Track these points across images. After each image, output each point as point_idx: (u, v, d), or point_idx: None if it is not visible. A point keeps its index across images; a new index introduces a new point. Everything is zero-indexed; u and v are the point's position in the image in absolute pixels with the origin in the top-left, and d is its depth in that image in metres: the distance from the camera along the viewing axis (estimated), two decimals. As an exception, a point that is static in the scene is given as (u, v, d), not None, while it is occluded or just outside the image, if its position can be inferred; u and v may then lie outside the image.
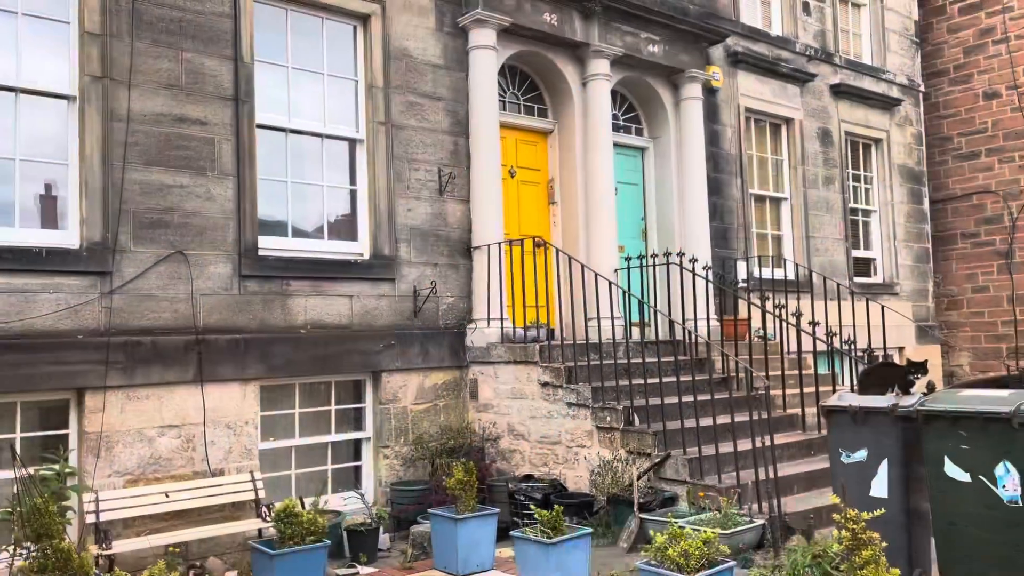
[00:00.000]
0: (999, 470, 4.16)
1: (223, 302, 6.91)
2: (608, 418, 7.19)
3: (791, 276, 12.02)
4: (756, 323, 9.35)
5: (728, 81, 11.44)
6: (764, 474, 6.19)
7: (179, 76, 6.82)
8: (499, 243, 8.25)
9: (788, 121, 12.39)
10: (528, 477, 7.49)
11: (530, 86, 9.75)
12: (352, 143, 8.00)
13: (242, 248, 7.03)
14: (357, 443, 7.86)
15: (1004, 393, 4.25)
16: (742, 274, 11.21)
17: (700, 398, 7.63)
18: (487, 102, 8.59)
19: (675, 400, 7.40)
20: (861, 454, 4.66)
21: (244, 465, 6.92)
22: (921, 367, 5.07)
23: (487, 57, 8.64)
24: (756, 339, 9.69)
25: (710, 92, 11.16)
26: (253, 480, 6.80)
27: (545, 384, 7.67)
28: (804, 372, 8.99)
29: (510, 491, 7.09)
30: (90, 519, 6.02)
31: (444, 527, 6.06)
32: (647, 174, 10.87)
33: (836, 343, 7.62)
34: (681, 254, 8.81)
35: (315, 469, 7.55)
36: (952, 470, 4.31)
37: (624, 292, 8.24)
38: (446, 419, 8.17)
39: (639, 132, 10.80)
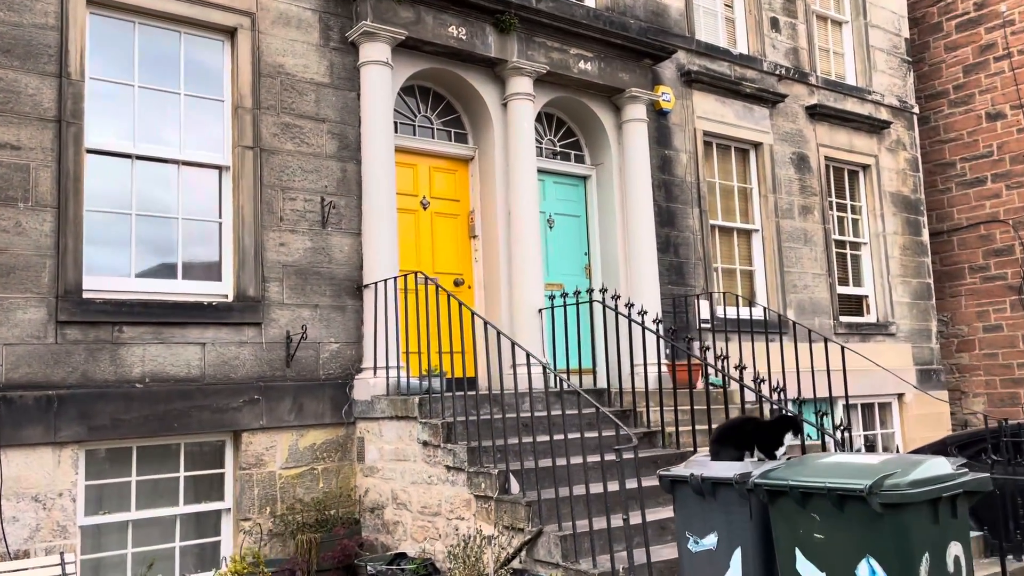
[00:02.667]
0: (862, 570, 2.95)
1: (33, 352, 5.92)
2: (483, 484, 6.01)
3: (761, 316, 10.78)
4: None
5: (682, 103, 10.38)
6: (646, 556, 4.94)
7: (-15, 94, 5.95)
8: (389, 279, 7.18)
9: (756, 146, 11.28)
10: (400, 556, 6.29)
11: (447, 108, 8.79)
12: (218, 170, 7.05)
13: (61, 290, 6.05)
14: (217, 515, 6.75)
15: (874, 460, 3.07)
16: (704, 313, 10.01)
17: (608, 457, 6.40)
18: (380, 123, 7.62)
19: (577, 461, 6.19)
20: (711, 540, 3.46)
21: (57, 545, 5.85)
22: (791, 423, 3.89)
23: (380, 74, 7.69)
24: (711, 387, 8.45)
25: (660, 114, 10.12)
26: (62, 564, 5.71)
27: (425, 443, 6.53)
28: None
29: (370, 575, 5.90)
30: None
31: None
32: (590, 205, 9.80)
33: (766, 391, 6.36)
34: (616, 296, 7.64)
35: (158, 547, 6.44)
36: (804, 568, 3.10)
37: (550, 335, 7.09)
38: (327, 485, 7.04)
39: (579, 159, 9.76)
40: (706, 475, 3.64)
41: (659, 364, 7.88)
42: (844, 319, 11.76)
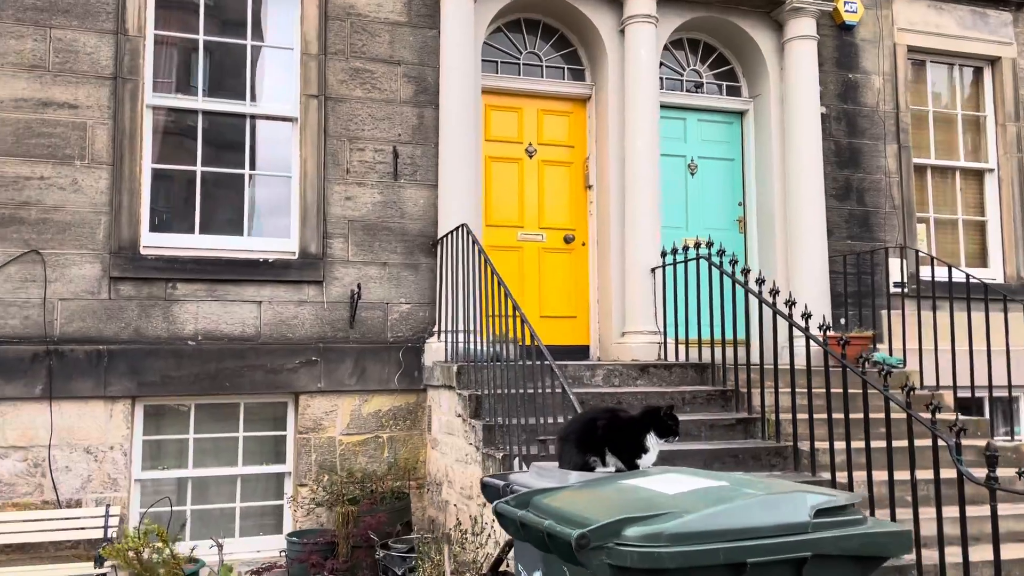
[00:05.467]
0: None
1: (87, 308, 6.03)
2: (491, 469, 5.12)
3: (997, 278, 8.56)
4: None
5: (875, 13, 8.39)
6: None
7: (45, 56, 6.09)
8: (448, 234, 6.44)
9: (992, 61, 8.89)
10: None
11: (561, 41, 7.78)
12: (290, 123, 6.75)
13: (115, 246, 6.10)
14: (280, 479, 6.55)
15: (694, 486, 1.82)
16: (895, 275, 8.08)
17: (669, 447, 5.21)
18: (461, 61, 6.86)
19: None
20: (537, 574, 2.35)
21: (108, 497, 5.95)
22: (655, 421, 2.59)
23: (461, 6, 6.91)
24: (869, 367, 6.76)
25: (843, 29, 8.28)
26: (106, 515, 5.78)
27: (459, 416, 5.77)
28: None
29: (377, 557, 5.31)
30: None
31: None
32: (746, 145, 8.26)
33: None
34: (721, 252, 6.26)
35: (218, 507, 6.37)
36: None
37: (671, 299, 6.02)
38: (393, 455, 6.56)
39: (733, 91, 8.25)
40: (518, 484, 2.55)
41: (779, 337, 6.32)
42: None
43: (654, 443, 2.65)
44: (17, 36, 6.05)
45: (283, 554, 6.01)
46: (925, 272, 7.82)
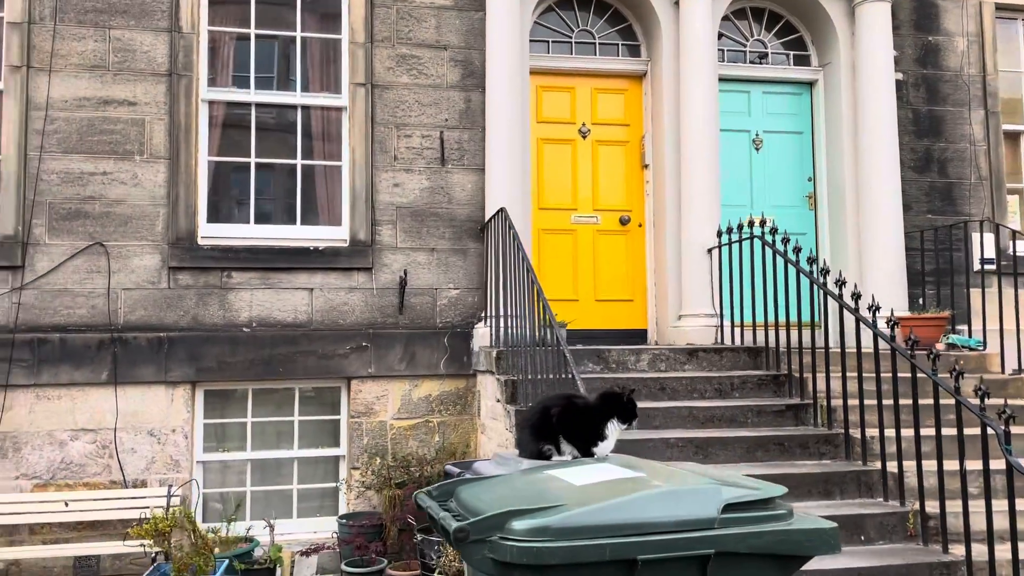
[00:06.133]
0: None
1: (148, 297, 6.30)
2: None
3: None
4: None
5: (958, -31, 7.81)
6: None
7: (106, 56, 6.37)
8: (493, 218, 6.38)
9: (1095, 16, 8.13)
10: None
11: (614, 17, 7.59)
12: (338, 112, 6.85)
13: (173, 237, 6.35)
14: (336, 461, 6.70)
15: (604, 477, 1.72)
16: (987, 250, 7.55)
17: (690, 434, 5.04)
18: (507, 42, 6.78)
19: (654, 436, 4.97)
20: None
21: (171, 478, 6.22)
22: (617, 406, 2.44)
23: (507, -15, 6.82)
24: (943, 349, 6.38)
25: (922, -11, 7.73)
26: (168, 495, 6.05)
27: (498, 401, 5.73)
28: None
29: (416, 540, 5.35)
30: (-24, 522, 5.80)
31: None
32: (816, 117, 7.87)
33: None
34: (774, 229, 6.00)
35: (277, 488, 6.57)
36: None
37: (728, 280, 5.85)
38: (443, 439, 6.60)
39: (801, 61, 7.86)
40: (470, 475, 2.46)
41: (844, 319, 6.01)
42: None
43: (613, 430, 2.54)
44: (79, 38, 6.34)
45: (335, 535, 6.14)
46: (1016, 248, 7.25)
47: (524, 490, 1.93)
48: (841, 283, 5.14)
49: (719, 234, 6.66)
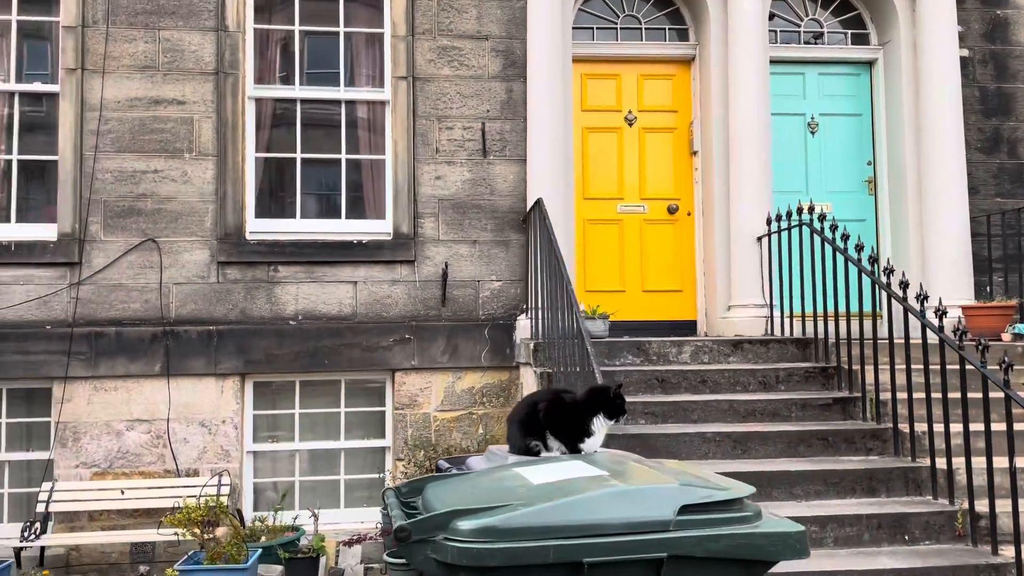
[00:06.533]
0: None
1: (198, 291, 6.47)
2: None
3: None
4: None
5: (1029, -63, 7.37)
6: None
7: (156, 56, 6.55)
8: (532, 208, 6.32)
9: None
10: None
11: (662, 0, 7.43)
12: (381, 106, 6.89)
13: (221, 233, 6.50)
14: (382, 453, 6.77)
15: (566, 475, 1.64)
16: (1062, 236, 7.15)
17: (728, 428, 4.90)
18: (548, 30, 6.71)
19: (690, 430, 4.85)
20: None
21: (221, 467, 6.39)
22: (604, 401, 2.34)
23: (548, -28, 6.73)
24: (1009, 340, 6.07)
25: (989, -40, 7.32)
26: (219, 484, 6.21)
27: (535, 397, 5.66)
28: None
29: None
30: (40, 508, 6.05)
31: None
32: (876, 98, 7.55)
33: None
34: (822, 216, 5.78)
35: (324, 479, 6.68)
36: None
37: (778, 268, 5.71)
38: (487, 431, 6.60)
39: (860, 40, 7.56)
40: (459, 471, 2.39)
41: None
42: None
43: (600, 425, 2.47)
44: (130, 40, 6.53)
45: (378, 525, 6.20)
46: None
47: (483, 488, 1.88)
48: (889, 271, 4.91)
49: (768, 222, 6.45)
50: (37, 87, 6.61)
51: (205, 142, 6.55)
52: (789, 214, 6.12)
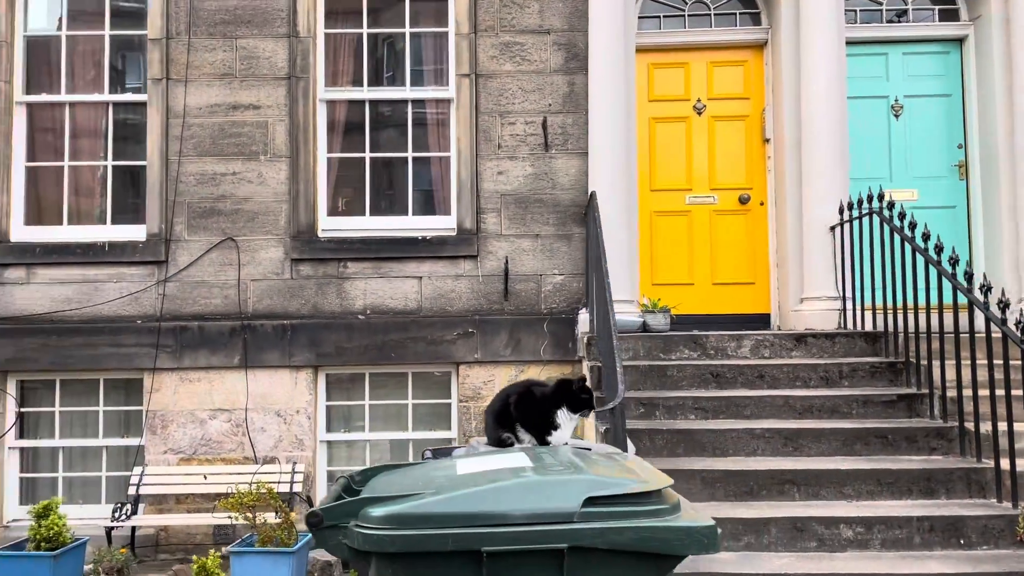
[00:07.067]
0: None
1: (273, 287, 6.78)
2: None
3: None
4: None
5: None
6: None
7: (233, 64, 6.89)
8: (593, 199, 6.29)
9: None
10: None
11: (731, -14, 7.25)
12: (446, 104, 7.02)
13: (294, 231, 6.78)
14: (448, 444, 6.91)
15: (499, 465, 1.66)
16: None
17: (784, 424, 4.75)
18: (610, 21, 6.68)
19: (744, 425, 4.75)
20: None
21: (296, 455, 6.69)
22: (566, 395, 2.28)
23: (608, -37, 6.69)
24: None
25: (1094, -78, 6.77)
26: (292, 472, 6.52)
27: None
28: None
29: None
30: (131, 491, 6.49)
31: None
32: (966, 77, 7.13)
33: None
34: (890, 204, 5.52)
35: (392, 468, 6.87)
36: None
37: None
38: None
39: (948, 16, 7.16)
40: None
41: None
42: None
43: (565, 418, 2.46)
44: (210, 49, 6.89)
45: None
46: None
47: (411, 478, 1.93)
48: (954, 261, 4.64)
49: (840, 210, 6.20)
50: (128, 97, 7.06)
51: (279, 144, 6.84)
52: (860, 202, 5.87)
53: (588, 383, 2.59)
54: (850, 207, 6.00)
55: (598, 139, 6.61)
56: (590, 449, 2.34)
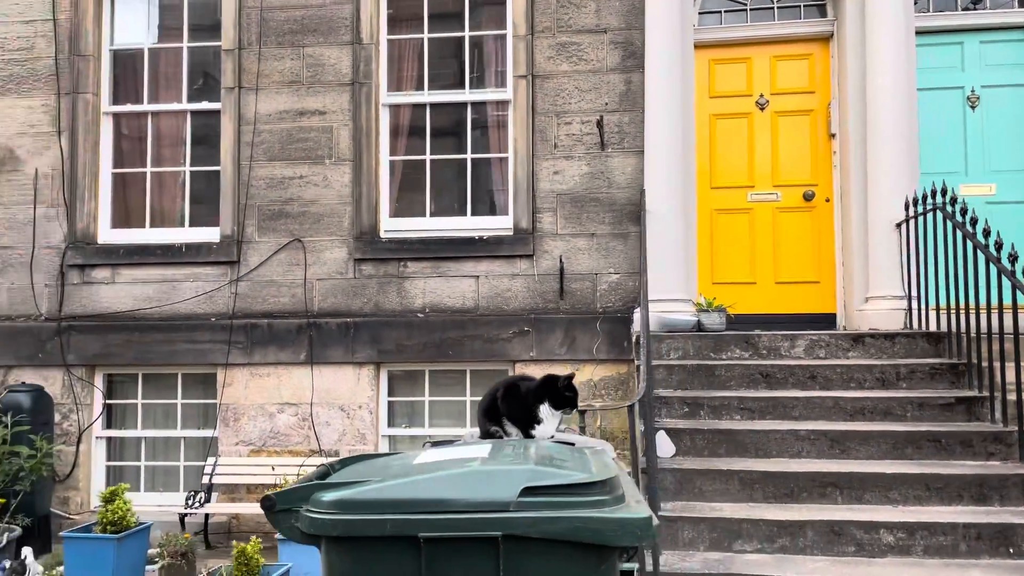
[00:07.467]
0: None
1: (337, 286, 7.02)
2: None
3: None
4: None
5: None
6: None
7: (300, 72, 7.17)
8: (644, 198, 6.29)
9: None
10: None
11: (795, -22, 7.09)
12: (503, 105, 7.13)
13: (357, 232, 7.01)
14: (506, 441, 7.00)
15: (456, 456, 1.73)
16: None
17: (833, 426, 4.62)
18: (667, 17, 6.63)
19: (784, 426, 4.66)
20: None
21: (358, 450, 6.90)
22: (549, 391, 2.29)
23: (665, -41, 6.65)
24: None
25: None
26: (354, 465, 6.72)
27: (636, 389, 5.64)
28: None
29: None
30: (204, 480, 6.85)
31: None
32: (1051, 65, 6.77)
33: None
34: (953, 198, 5.31)
35: (451, 464, 7.02)
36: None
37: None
38: (605, 424, 6.65)
39: (1029, 0, 6.80)
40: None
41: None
42: None
43: (547, 414, 2.50)
44: (279, 58, 7.19)
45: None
46: None
47: (373, 467, 2.00)
48: (1013, 258, 4.43)
49: (906, 206, 5.99)
50: (204, 105, 7.42)
51: (343, 148, 7.07)
52: (924, 198, 5.65)
53: (575, 382, 2.60)
54: (915, 203, 5.79)
55: (654, 137, 6.57)
56: (573, 444, 2.38)
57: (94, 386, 7.23)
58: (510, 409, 2.56)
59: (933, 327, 5.63)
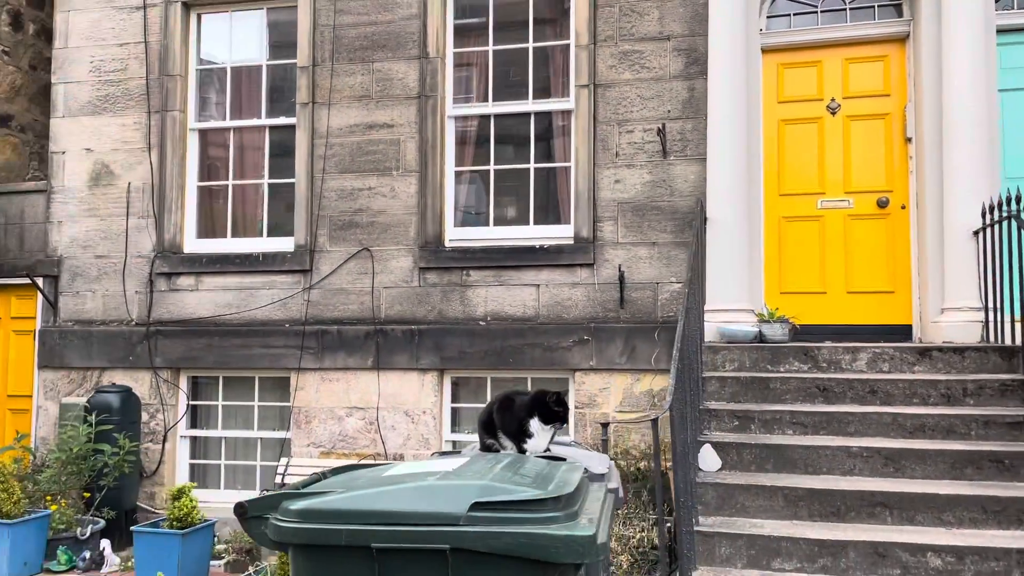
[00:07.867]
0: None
1: (402, 294, 7.21)
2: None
3: None
4: None
5: None
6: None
7: (370, 86, 7.41)
8: (704, 206, 6.21)
9: None
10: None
11: (869, -22, 6.87)
12: (566, 114, 7.17)
13: (422, 241, 7.18)
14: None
15: (439, 467, 1.76)
16: None
17: (883, 443, 4.46)
18: (730, 23, 6.56)
19: (839, 443, 4.54)
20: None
21: (422, 454, 7.07)
22: (537, 405, 2.26)
23: (729, -36, 6.57)
24: None
25: None
26: (417, 469, 6.89)
27: (688, 401, 5.56)
28: None
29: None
30: (277, 480, 7.15)
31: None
32: None
33: None
34: (1033, 198, 5.06)
35: (513, 470, 7.10)
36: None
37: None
38: (665, 434, 6.58)
39: None
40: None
41: None
42: None
43: (537, 428, 2.52)
44: (349, 73, 7.43)
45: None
46: None
47: (348, 478, 2.08)
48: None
49: (983, 213, 5.72)
50: (280, 120, 7.74)
51: (410, 160, 7.26)
52: (1000, 204, 5.39)
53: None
54: (991, 210, 5.52)
55: (717, 144, 6.48)
56: (564, 459, 2.40)
57: (179, 388, 7.63)
58: (504, 423, 2.61)
59: (1009, 341, 5.35)
